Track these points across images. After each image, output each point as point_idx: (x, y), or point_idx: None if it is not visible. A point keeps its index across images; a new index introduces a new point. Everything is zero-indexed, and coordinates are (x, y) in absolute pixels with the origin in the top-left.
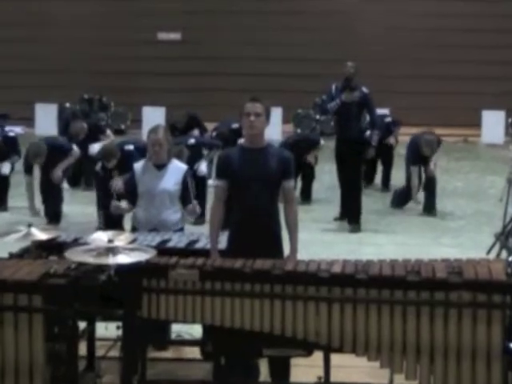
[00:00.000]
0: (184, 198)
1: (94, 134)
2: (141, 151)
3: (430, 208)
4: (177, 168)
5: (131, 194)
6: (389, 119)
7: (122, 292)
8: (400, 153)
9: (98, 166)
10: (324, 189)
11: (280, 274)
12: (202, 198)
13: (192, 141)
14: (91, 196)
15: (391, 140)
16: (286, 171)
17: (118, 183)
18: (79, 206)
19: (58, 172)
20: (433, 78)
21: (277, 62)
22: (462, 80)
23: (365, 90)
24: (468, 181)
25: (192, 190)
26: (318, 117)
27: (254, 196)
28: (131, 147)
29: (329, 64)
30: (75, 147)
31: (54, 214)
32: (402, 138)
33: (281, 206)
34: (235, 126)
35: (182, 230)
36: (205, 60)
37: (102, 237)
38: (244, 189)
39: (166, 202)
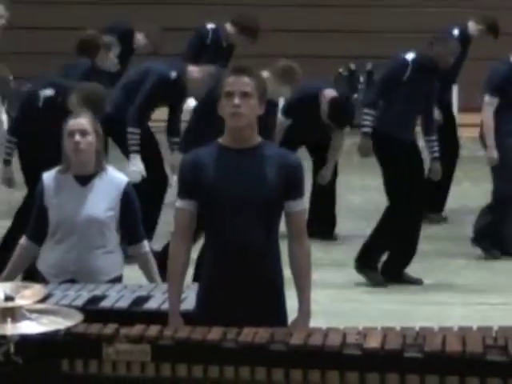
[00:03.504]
0: (127, 230)
1: None
2: None
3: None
4: (112, 181)
5: (37, 224)
6: None
7: (28, 379)
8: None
9: None
10: (352, 211)
11: (282, 350)
12: None
13: None
14: None
15: None
16: (291, 186)
17: None
18: None
19: None
20: None
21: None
22: None
23: None
24: None
25: (139, 215)
26: None
27: (240, 226)
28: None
29: None
30: None
31: None
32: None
33: (284, 243)
34: None
35: (119, 280)
36: None
37: None
38: (223, 214)
39: (92, 236)
